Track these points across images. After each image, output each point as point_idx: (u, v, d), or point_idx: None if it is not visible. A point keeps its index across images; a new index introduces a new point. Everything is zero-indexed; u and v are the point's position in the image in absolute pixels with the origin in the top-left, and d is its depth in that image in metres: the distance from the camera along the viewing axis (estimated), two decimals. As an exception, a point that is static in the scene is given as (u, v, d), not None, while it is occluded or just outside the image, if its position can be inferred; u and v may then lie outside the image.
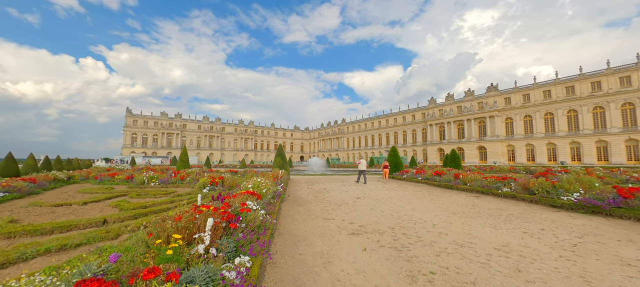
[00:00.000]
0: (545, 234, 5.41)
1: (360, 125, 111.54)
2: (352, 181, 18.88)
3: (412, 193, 11.94)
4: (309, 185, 16.48)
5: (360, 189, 13.88)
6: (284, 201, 9.50)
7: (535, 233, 5.50)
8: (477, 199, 9.98)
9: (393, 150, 23.24)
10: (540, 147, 62.29)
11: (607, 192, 6.97)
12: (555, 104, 60.25)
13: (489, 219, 6.77)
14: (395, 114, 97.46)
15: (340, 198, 10.65)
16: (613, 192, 6.92)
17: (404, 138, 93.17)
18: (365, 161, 18.85)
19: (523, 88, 66.23)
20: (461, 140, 74.88)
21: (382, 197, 10.93)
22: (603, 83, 54.17)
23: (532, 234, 5.41)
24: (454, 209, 8.09)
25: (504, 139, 67.79)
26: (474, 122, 72.92)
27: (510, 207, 8.18)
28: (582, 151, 56.43)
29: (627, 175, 14.95)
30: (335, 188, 14.62)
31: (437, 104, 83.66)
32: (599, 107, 55.01)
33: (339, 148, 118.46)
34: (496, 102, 69.29)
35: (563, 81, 59.62)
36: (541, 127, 62.61)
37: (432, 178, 15.49)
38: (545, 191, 8.52)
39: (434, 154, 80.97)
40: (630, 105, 51.20)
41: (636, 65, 50.24)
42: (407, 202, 9.42)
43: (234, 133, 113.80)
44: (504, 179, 11.03)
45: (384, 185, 16.14)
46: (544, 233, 5.50)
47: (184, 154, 26.89)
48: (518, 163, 62.61)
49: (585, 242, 4.90)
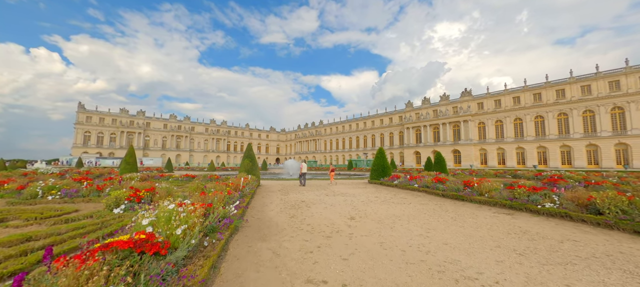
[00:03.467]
0: None
1: (337, 128, 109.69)
2: (335, 188, 15.74)
3: (420, 209, 9.03)
4: (283, 195, 13.03)
5: (349, 202, 10.74)
6: (239, 231, 5.99)
7: None
8: (514, 219, 7.28)
9: (380, 152, 20.55)
10: (510, 151, 64.28)
11: None
12: (524, 109, 62.55)
13: (587, 269, 3.94)
14: (372, 116, 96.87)
15: (327, 220, 7.39)
16: None
17: (381, 141, 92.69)
18: (306, 165, 17.19)
19: (494, 94, 68.26)
20: (437, 144, 75.56)
21: (384, 216, 7.85)
22: (567, 91, 57.01)
23: None
24: (504, 242, 5.25)
25: (477, 143, 69.28)
26: (449, 126, 73.95)
27: (583, 239, 5.48)
28: (548, 155, 58.87)
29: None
30: (317, 200, 11.33)
31: (414, 107, 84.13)
32: (563, 113, 57.78)
33: (316, 150, 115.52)
34: (470, 107, 70.78)
35: (531, 88, 62.07)
36: (511, 132, 64.71)
37: (433, 185, 12.84)
38: (620, 210, 6.01)
39: (411, 157, 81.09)
40: (590, 112, 54.22)
41: (596, 75, 53.36)
42: (427, 228, 6.42)
43: (204, 133, 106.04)
44: (536, 190, 8.55)
45: (375, 194, 13.18)
46: None
47: (129, 154, 21.98)
48: (490, 166, 64.06)
49: None
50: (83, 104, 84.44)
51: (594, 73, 53.82)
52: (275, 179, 24.34)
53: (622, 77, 50.38)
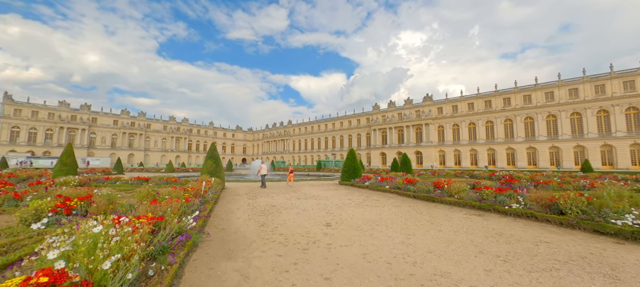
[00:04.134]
0: None
1: (306, 128, 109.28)
2: (306, 191, 15.13)
3: (395, 212, 8.84)
4: (250, 199, 12.05)
5: (322, 206, 10.22)
6: (199, 248, 5.06)
7: None
8: (485, 220, 7.40)
9: (351, 153, 20.45)
10: (465, 152, 69.81)
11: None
12: (477, 115, 68.40)
13: (571, 275, 3.92)
14: (341, 118, 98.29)
15: (302, 227, 6.75)
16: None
17: (349, 142, 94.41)
18: (266, 166, 16.85)
19: (452, 100, 73.64)
20: (401, 145, 79.13)
21: (361, 221, 7.46)
22: (512, 99, 63.68)
23: None
24: (485, 247, 5.16)
25: (436, 145, 73.99)
26: (412, 128, 77.93)
27: (554, 240, 5.63)
28: (496, 156, 65.12)
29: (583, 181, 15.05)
30: (288, 204, 10.61)
31: (381, 110, 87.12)
32: (508, 119, 64.37)
33: (284, 151, 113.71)
34: (431, 111, 75.41)
35: (482, 96, 68.11)
36: (466, 135, 70.32)
37: (405, 187, 12.93)
38: (581, 211, 6.35)
39: (377, 158, 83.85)
40: (530, 119, 61.21)
41: (534, 87, 60.41)
42: (407, 234, 6.13)
43: (162, 131, 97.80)
44: (502, 191, 8.90)
45: (348, 197, 12.86)
46: None
47: (66, 154, 18.87)
48: (448, 167, 68.91)
49: None
50: (10, 95, 72.24)
51: (533, 85, 60.89)
52: (242, 180, 22.94)
53: (555, 89, 57.75)
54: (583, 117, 54.32)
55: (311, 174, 40.43)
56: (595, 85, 53.69)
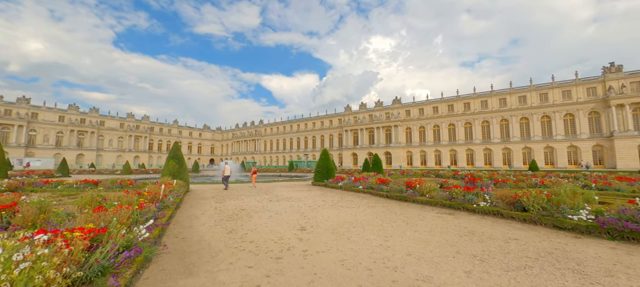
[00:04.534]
0: None
1: (278, 128, 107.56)
2: (278, 192, 14.55)
3: (370, 212, 8.73)
4: (218, 202, 11.18)
5: (295, 208, 9.79)
6: (153, 263, 4.35)
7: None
8: (456, 219, 7.56)
9: (324, 154, 20.25)
10: (430, 153, 73.85)
11: (632, 211, 5.42)
12: (440, 118, 72.78)
13: (544, 272, 4.01)
14: (313, 118, 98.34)
15: (274, 233, 6.27)
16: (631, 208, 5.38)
17: (321, 142, 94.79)
18: (229, 166, 16.12)
19: (418, 103, 77.51)
20: (372, 146, 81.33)
21: (336, 223, 7.18)
22: (471, 104, 68.82)
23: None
24: (461, 247, 5.18)
25: (404, 146, 77.31)
26: (382, 129, 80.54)
27: (521, 236, 5.85)
28: (457, 157, 69.86)
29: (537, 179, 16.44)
30: (259, 206, 9.99)
31: (353, 111, 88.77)
32: (468, 123, 69.45)
33: (255, 151, 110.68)
34: (399, 114, 78.62)
35: (446, 100, 72.72)
36: (431, 137, 74.47)
37: (378, 187, 12.99)
38: (541, 207, 6.74)
39: (349, 159, 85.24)
40: (486, 122, 66.66)
41: (490, 93, 65.95)
42: (384, 236, 5.97)
43: (118, 129, 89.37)
44: (469, 190, 9.26)
45: (322, 198, 12.57)
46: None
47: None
48: (414, 167, 72.37)
49: None
50: None
51: (489, 91, 66.44)
52: (209, 182, 21.53)
53: (508, 96, 63.61)
54: (530, 122, 60.50)
55: (283, 175, 39.65)
56: (540, 93, 60.15)
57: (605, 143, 52.47)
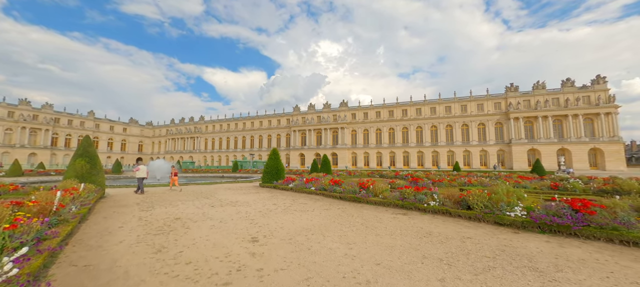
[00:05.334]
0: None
1: (221, 126, 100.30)
2: (222, 196, 12.95)
3: (327, 216, 8.23)
4: (144, 210, 9.18)
5: (243, 214, 8.67)
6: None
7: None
8: (411, 219, 7.64)
9: (274, 153, 19.15)
10: (372, 154, 78.80)
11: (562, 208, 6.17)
12: (382, 122, 78.44)
13: (506, 272, 4.08)
14: (261, 117, 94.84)
15: (219, 248, 5.17)
16: (567, 207, 6.15)
17: (268, 142, 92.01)
18: (145, 167, 14.72)
19: (363, 107, 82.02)
20: (319, 147, 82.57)
21: (293, 231, 6.43)
22: (408, 111, 76.07)
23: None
24: (425, 250, 5.08)
25: (350, 147, 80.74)
26: (329, 131, 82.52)
27: (473, 234, 6.11)
28: (395, 158, 76.29)
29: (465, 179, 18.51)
30: (198, 214, 8.50)
31: (301, 112, 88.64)
32: (405, 127, 76.56)
33: (194, 149, 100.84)
34: (346, 116, 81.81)
35: (387, 106, 78.63)
36: (374, 139, 79.59)
37: (331, 188, 12.67)
38: (484, 205, 7.27)
39: (296, 159, 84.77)
40: (420, 128, 74.58)
41: (424, 102, 74.06)
42: (347, 243, 5.50)
43: (5, 119, 70.17)
44: (419, 190, 9.63)
45: (272, 201, 11.61)
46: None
47: None
48: (358, 168, 76.24)
49: None
50: None
51: (423, 100, 74.52)
52: (135, 185, 18.09)
53: (437, 105, 72.35)
54: (453, 129, 70.00)
55: (227, 176, 36.67)
56: (461, 105, 70.16)
57: (505, 148, 64.21)
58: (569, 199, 6.40)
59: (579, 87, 60.28)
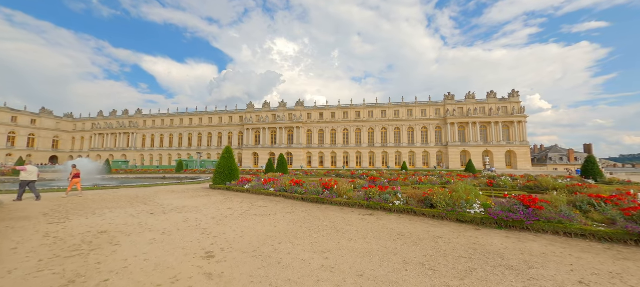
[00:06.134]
0: None
1: (164, 121, 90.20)
2: (164, 200, 11.11)
3: (292, 220, 7.54)
4: (54, 222, 7.13)
5: (193, 222, 7.42)
6: None
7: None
8: (379, 220, 7.46)
9: (227, 152, 17.49)
10: (327, 154, 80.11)
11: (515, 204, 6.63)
12: (337, 123, 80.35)
13: (486, 273, 4.04)
14: (211, 113, 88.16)
15: (163, 271, 4.08)
16: (519, 203, 6.63)
17: (218, 140, 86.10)
18: (35, 168, 12.23)
19: (319, 108, 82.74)
20: (274, 146, 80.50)
21: (256, 241, 5.59)
22: (361, 113, 79.37)
23: None
24: (404, 254, 4.86)
25: (305, 147, 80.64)
26: (284, 130, 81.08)
27: (443, 233, 6.20)
28: (349, 158, 78.95)
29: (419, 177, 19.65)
30: (132, 225, 6.94)
31: (255, 109, 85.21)
32: (358, 129, 79.71)
33: (129, 147, 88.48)
34: (302, 116, 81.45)
35: (342, 107, 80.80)
36: (329, 139, 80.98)
37: (293, 189, 11.95)
38: (446, 204, 7.49)
39: (249, 158, 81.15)
40: (371, 130, 78.54)
41: (375, 105, 78.17)
42: (320, 251, 4.93)
43: None
44: (383, 189, 9.62)
45: (227, 204, 10.38)
46: None
47: None
48: (313, 167, 76.61)
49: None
50: None
51: (374, 104, 78.62)
52: (47, 189, 14.46)
53: (387, 109, 77.14)
54: (401, 131, 75.52)
55: (169, 177, 32.76)
56: (407, 109, 76.12)
57: (443, 149, 71.88)
58: (520, 196, 6.99)
59: (500, 99, 71.01)
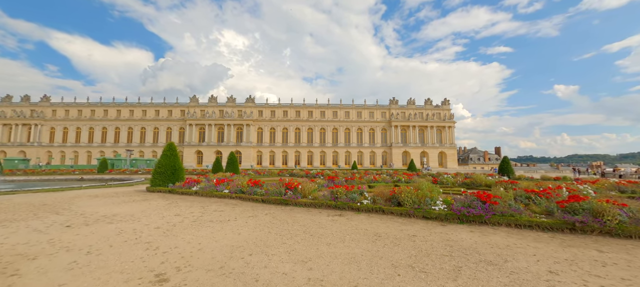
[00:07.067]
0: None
1: (81, 112, 75.79)
2: (85, 207, 8.88)
3: (258, 226, 6.74)
4: None
5: (132, 234, 6.01)
6: None
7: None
8: (350, 220, 7.22)
9: (170, 150, 15.20)
10: (278, 153, 78.42)
11: (470, 200, 7.13)
12: (289, 121, 79.37)
13: (474, 271, 4.09)
14: (145, 105, 77.54)
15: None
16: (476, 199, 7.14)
17: (154, 136, 76.38)
18: None
19: (271, 105, 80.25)
20: (221, 144, 75.22)
21: (221, 254, 4.69)
22: (313, 112, 79.97)
23: None
24: (390, 257, 4.66)
25: (255, 146, 77.48)
26: (233, 127, 76.44)
27: (416, 231, 6.22)
28: (300, 157, 78.81)
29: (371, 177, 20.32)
30: (41, 242, 5.20)
31: (200, 104, 78.22)
32: (310, 128, 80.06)
33: (30, 142, 71.65)
34: (252, 113, 78.01)
35: (295, 106, 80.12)
36: (280, 138, 79.39)
37: (251, 190, 10.93)
38: (413, 201, 7.68)
39: (192, 157, 74.11)
40: (323, 129, 79.89)
41: (327, 106, 79.73)
42: (300, 261, 4.37)
43: None
44: (350, 189, 9.47)
45: (173, 211, 8.87)
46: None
47: None
48: (264, 166, 74.11)
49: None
50: None
51: (327, 104, 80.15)
52: None
53: (338, 110, 79.38)
54: (350, 132, 78.69)
55: (89, 179, 27.37)
56: (357, 111, 79.58)
57: (388, 150, 77.55)
58: (476, 192, 7.60)
59: (434, 106, 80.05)
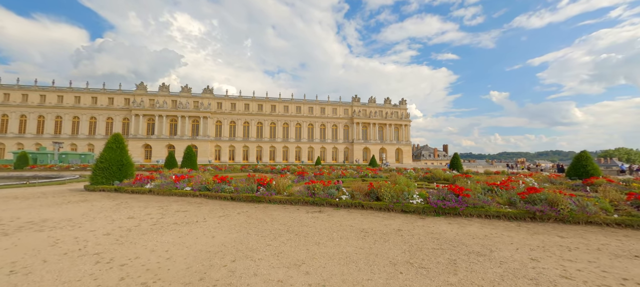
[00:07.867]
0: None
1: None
2: (7, 212, 7.04)
3: (233, 227, 6.05)
4: None
5: (71, 247, 4.88)
6: None
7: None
8: (331, 217, 6.95)
9: (117, 141, 13.09)
10: (239, 148, 75.02)
11: (445, 193, 7.44)
12: (251, 115, 76.35)
13: (468, 262, 4.11)
14: (79, 90, 67.07)
15: None
16: (447, 194, 7.46)
17: (90, 127, 66.71)
18: None
19: (231, 97, 76.10)
20: (173, 137, 69.01)
21: (196, 262, 3.99)
22: (277, 107, 78.12)
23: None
24: (386, 254, 4.47)
25: (213, 140, 72.87)
26: (188, 119, 70.69)
27: (401, 226, 6.22)
28: (262, 153, 76.53)
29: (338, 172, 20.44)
30: None
31: (149, 92, 70.42)
32: (273, 123, 78.19)
33: None
34: (210, 105, 73.02)
35: (257, 99, 77.32)
36: (241, 132, 75.91)
37: (218, 187, 9.96)
38: (391, 196, 7.74)
39: (139, 151, 66.55)
40: (286, 124, 78.64)
41: (291, 100, 78.55)
42: (294, 264, 3.93)
43: None
44: (327, 184, 9.20)
45: (125, 213, 7.57)
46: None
47: None
48: (222, 162, 70.18)
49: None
50: None
51: (290, 98, 78.84)
52: None
53: (302, 105, 78.79)
54: (314, 127, 78.79)
55: (4, 176, 22.55)
56: (321, 107, 80.00)
57: (350, 146, 79.75)
58: (449, 186, 7.98)
59: (393, 105, 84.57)
